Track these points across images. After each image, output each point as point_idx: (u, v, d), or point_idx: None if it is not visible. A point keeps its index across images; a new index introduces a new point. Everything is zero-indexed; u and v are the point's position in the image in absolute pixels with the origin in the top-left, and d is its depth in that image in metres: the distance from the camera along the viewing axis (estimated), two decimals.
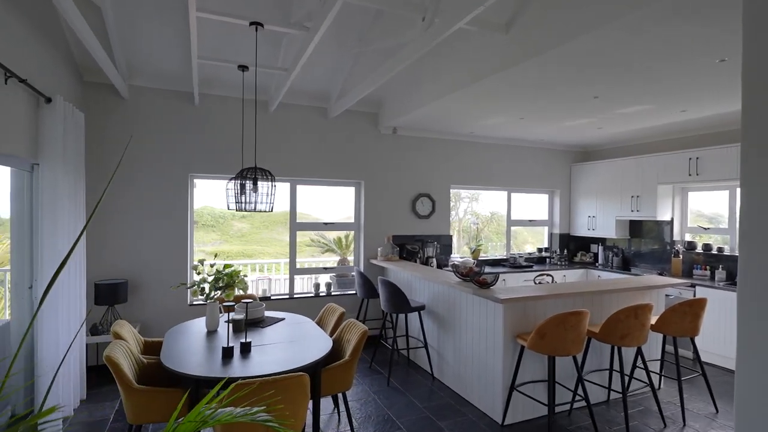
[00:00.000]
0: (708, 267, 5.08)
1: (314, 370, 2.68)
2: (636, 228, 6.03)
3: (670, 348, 4.06)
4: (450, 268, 5.04)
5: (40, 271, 3.00)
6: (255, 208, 2.91)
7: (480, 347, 3.47)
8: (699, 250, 5.25)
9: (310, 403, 2.69)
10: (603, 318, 3.59)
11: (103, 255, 4.13)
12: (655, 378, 3.86)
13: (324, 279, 5.98)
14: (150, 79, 4.26)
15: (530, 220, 6.73)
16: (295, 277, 6.28)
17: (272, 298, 4.87)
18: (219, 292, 3.31)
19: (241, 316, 3.30)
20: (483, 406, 3.44)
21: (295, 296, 5.03)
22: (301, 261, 7.11)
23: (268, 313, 3.73)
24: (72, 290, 3.37)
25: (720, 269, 4.92)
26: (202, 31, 3.64)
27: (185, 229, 4.46)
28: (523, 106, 4.23)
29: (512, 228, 6.56)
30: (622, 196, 5.86)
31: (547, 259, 6.52)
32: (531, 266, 6.01)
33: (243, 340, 2.81)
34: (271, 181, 2.98)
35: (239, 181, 2.84)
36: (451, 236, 5.85)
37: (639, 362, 3.74)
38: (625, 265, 6.07)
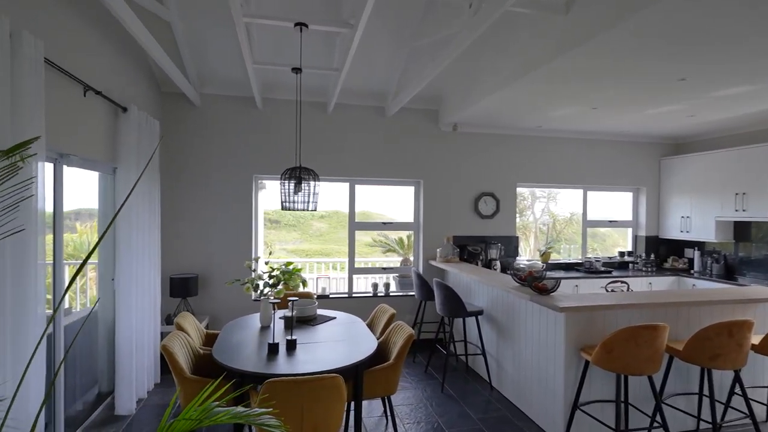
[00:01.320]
0: None
1: (356, 371, 2.63)
2: (743, 230, 5.18)
3: None
4: (517, 271, 4.73)
5: (118, 264, 3.31)
6: (298, 207, 2.94)
7: (540, 358, 3.18)
8: None
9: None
10: (690, 333, 3.11)
11: (177, 251, 4.49)
12: (760, 409, 3.25)
13: (385, 279, 5.96)
14: (219, 86, 4.54)
15: (611, 221, 6.10)
16: (357, 276, 6.34)
17: (331, 296, 4.94)
18: (272, 288, 3.41)
19: (292, 314, 3.37)
20: (543, 423, 3.15)
21: (353, 295, 5.05)
22: (364, 261, 7.18)
23: (322, 312, 3.77)
24: (148, 283, 3.69)
25: None
26: (259, 37, 3.79)
27: (250, 228, 4.69)
28: (594, 94, 3.82)
29: (601, 230, 5.99)
30: (724, 194, 5.07)
31: (631, 264, 5.86)
32: (610, 272, 5.44)
33: (289, 338, 2.85)
34: (314, 181, 2.99)
35: (284, 181, 2.89)
36: (518, 237, 5.49)
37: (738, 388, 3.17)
38: (729, 274, 5.24)
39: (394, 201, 5.68)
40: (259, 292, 3.39)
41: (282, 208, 2.90)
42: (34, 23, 2.23)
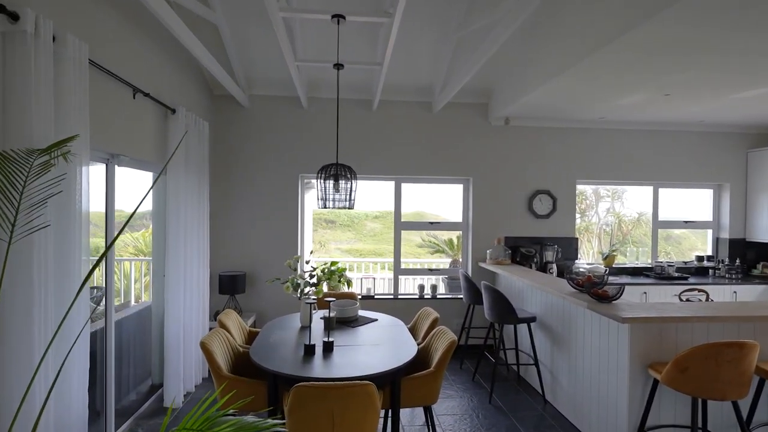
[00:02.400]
0: None
1: (393, 378, 2.50)
2: None
3: None
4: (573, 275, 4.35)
5: (168, 261, 3.42)
6: (337, 205, 2.85)
7: (600, 374, 2.86)
8: None
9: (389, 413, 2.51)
10: None
11: (226, 249, 4.60)
12: None
13: (432, 281, 5.78)
14: (266, 87, 4.60)
15: (686, 222, 5.47)
16: (404, 277, 6.20)
17: (376, 297, 4.83)
18: (313, 288, 3.36)
19: (331, 314, 3.30)
20: None
21: (399, 297, 4.92)
22: (413, 261, 7.02)
23: (363, 313, 3.67)
24: (197, 280, 3.79)
25: None
26: (302, 34, 3.76)
27: (296, 227, 4.70)
28: (665, 78, 3.39)
29: (676, 231, 5.40)
30: None
31: (711, 270, 5.21)
32: (686, 278, 4.87)
33: (326, 339, 2.77)
34: (352, 179, 2.89)
35: (320, 179, 2.81)
36: (577, 239, 5.07)
37: None
38: None
39: (444, 200, 5.48)
40: (299, 291, 3.35)
41: (319, 207, 2.83)
42: (78, 26, 2.32)
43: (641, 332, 2.54)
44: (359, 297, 4.75)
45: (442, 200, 5.32)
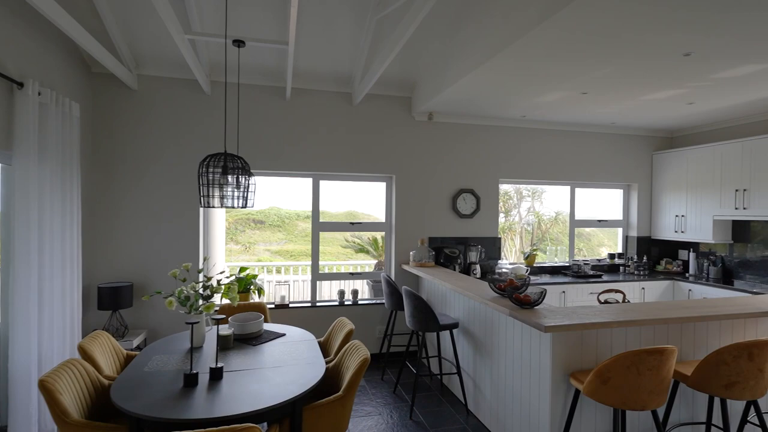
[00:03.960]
0: None
1: (293, 408, 2.10)
2: (742, 230, 4.78)
3: None
4: (496, 277, 4.24)
5: (13, 273, 2.72)
6: (225, 204, 2.38)
7: (522, 383, 2.68)
8: None
9: None
10: (697, 353, 2.65)
11: (109, 256, 3.88)
12: None
13: (353, 285, 5.45)
14: (158, 67, 3.95)
15: (599, 220, 5.66)
16: (327, 282, 5.80)
17: (291, 306, 4.38)
18: (205, 301, 2.85)
19: (229, 332, 2.82)
20: None
21: (317, 304, 4.51)
22: (338, 264, 6.64)
23: (271, 327, 3.23)
24: (62, 295, 3.10)
25: None
26: (199, 5, 3.23)
27: (197, 228, 4.11)
28: (583, 75, 3.34)
29: (586, 229, 5.53)
30: (723, 191, 4.65)
31: (622, 268, 5.42)
32: (600, 276, 4.99)
33: (214, 365, 2.30)
34: (243, 173, 2.42)
35: (204, 172, 2.31)
36: (500, 239, 5.00)
37: (751, 415, 2.72)
38: (727, 278, 4.83)
39: (367, 199, 5.16)
40: (190, 306, 2.83)
41: (203, 205, 2.33)
42: None
43: (563, 340, 2.38)
44: (271, 307, 4.28)
45: (362, 199, 4.99)
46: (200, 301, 2.82)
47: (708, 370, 2.21)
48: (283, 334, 3.06)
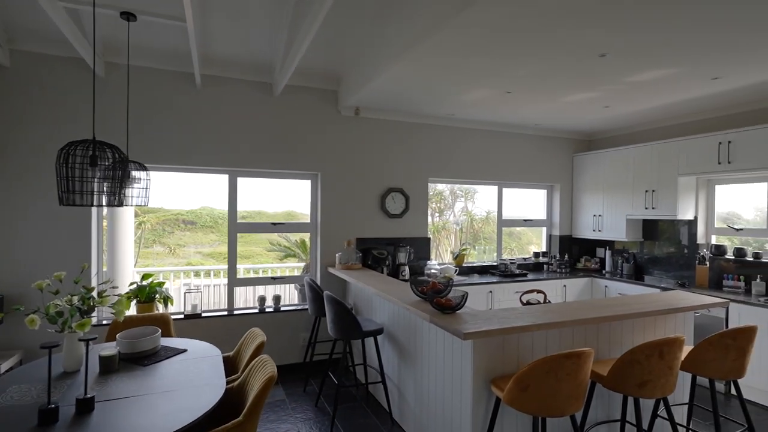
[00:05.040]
0: (742, 277, 4.12)
1: None
2: (651, 229, 5.08)
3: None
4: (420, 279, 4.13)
5: None
6: (85, 202, 1.97)
7: (444, 391, 2.55)
8: (729, 255, 4.29)
9: None
10: (613, 352, 2.67)
11: None
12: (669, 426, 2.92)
13: (288, 289, 5.14)
14: (38, 42, 3.37)
15: (525, 220, 5.79)
16: (251, 287, 5.41)
17: (203, 315, 3.96)
18: (83, 317, 2.41)
19: (113, 352, 2.41)
20: None
21: (235, 312, 4.12)
22: (263, 267, 6.24)
23: (173, 342, 2.84)
24: None
25: (758, 280, 3.96)
26: None
27: (88, 229, 3.57)
28: (506, 73, 3.30)
29: (517, 228, 5.61)
30: (635, 191, 4.91)
31: (545, 266, 5.58)
32: (525, 275, 5.07)
33: (82, 396, 1.91)
34: (119, 165, 2.03)
35: (63, 163, 1.90)
36: (429, 239, 4.92)
37: (661, 409, 2.80)
38: (638, 274, 5.12)
39: (292, 197, 4.85)
40: (63, 323, 2.38)
41: (63, 202, 1.91)
42: None
43: (484, 345, 2.27)
44: (179, 318, 3.84)
45: (287, 197, 4.68)
46: (70, 317, 2.38)
47: (623, 370, 2.20)
48: (184, 350, 2.69)
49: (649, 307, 2.64)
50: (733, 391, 3.71)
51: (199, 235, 10.54)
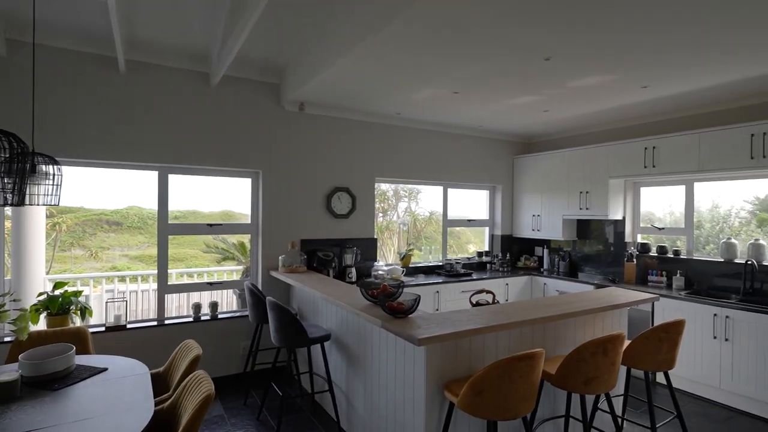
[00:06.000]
0: (664, 273, 4.45)
1: None
2: (584, 228, 5.36)
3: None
4: (369, 281, 4.03)
5: None
6: None
7: (396, 397, 2.46)
8: (653, 253, 4.63)
9: None
10: (557, 349, 2.73)
11: None
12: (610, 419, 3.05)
13: (226, 295, 4.82)
14: None
15: (469, 220, 5.89)
16: (187, 294, 5.04)
17: (129, 327, 3.58)
18: None
19: (14, 376, 2.06)
20: None
21: (166, 322, 3.77)
22: (198, 271, 5.82)
23: (91, 360, 2.50)
24: None
25: (678, 275, 4.30)
26: None
27: None
28: (455, 73, 3.29)
29: (456, 228, 5.67)
30: (570, 193, 5.16)
31: (488, 265, 5.71)
32: (470, 274, 5.15)
33: None
34: (17, 155, 1.72)
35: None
36: (376, 239, 4.83)
37: (601, 401, 2.91)
38: (573, 271, 5.38)
39: (230, 197, 4.55)
40: None
41: None
42: None
43: (437, 350, 2.21)
44: (100, 331, 3.44)
45: (226, 197, 4.37)
46: None
47: (570, 368, 2.24)
48: (104, 369, 2.38)
49: (591, 304, 2.74)
50: (660, 381, 3.99)
51: (125, 237, 9.73)
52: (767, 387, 3.31)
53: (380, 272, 4.45)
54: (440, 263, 5.42)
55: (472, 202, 5.99)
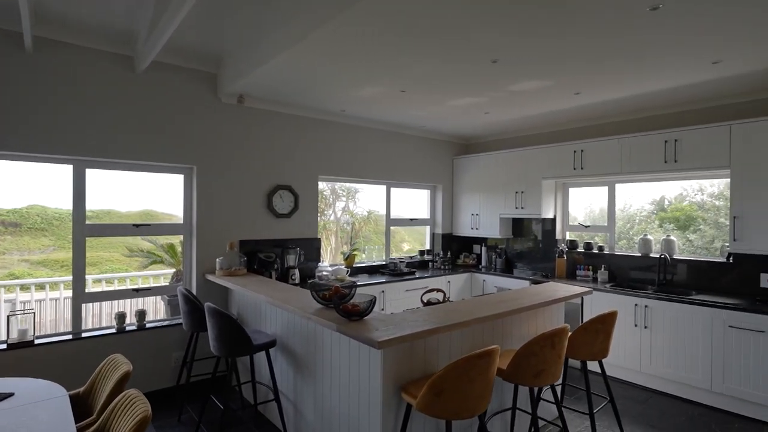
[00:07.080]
0: (590, 267, 4.80)
1: None
2: (519, 227, 5.64)
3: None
4: (319, 282, 3.89)
5: None
6: None
7: (350, 402, 2.38)
8: (580, 249, 4.97)
9: None
10: (505, 344, 2.81)
11: None
12: (551, 408, 3.22)
13: (152, 302, 4.41)
14: None
15: (411, 219, 5.94)
16: (108, 303, 4.57)
17: (37, 343, 3.12)
18: None
19: None
20: None
21: (84, 335, 3.35)
22: (116, 277, 5.27)
23: None
24: None
25: (602, 269, 4.66)
26: None
27: None
28: (402, 70, 3.28)
29: (391, 227, 5.68)
30: (506, 193, 5.39)
31: (430, 263, 5.80)
32: (413, 272, 5.18)
33: None
34: None
35: None
36: (320, 239, 4.70)
37: (545, 390, 3.05)
38: (508, 267, 5.63)
39: (154, 195, 4.16)
40: None
41: None
42: None
43: (394, 352, 2.16)
44: (2, 348, 2.97)
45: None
46: None
47: (521, 363, 2.30)
48: (10, 394, 2.04)
49: (536, 299, 2.85)
50: (592, 369, 4.29)
51: (25, 240, 8.60)
52: (680, 368, 3.68)
53: (325, 273, 4.33)
54: (383, 262, 5.40)
55: (412, 202, 6.05)
